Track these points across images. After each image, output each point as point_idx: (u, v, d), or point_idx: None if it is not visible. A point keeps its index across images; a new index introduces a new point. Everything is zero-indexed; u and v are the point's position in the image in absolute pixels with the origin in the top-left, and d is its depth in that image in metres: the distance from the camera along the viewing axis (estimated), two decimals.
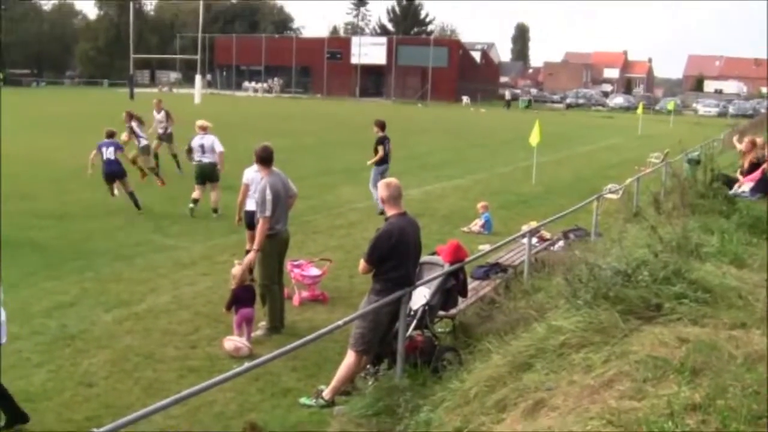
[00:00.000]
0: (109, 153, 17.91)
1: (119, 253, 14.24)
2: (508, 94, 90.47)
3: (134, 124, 21.51)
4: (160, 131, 23.73)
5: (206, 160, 17.48)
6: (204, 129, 17.69)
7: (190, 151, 17.76)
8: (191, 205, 17.67)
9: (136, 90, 76.15)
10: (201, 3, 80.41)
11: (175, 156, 23.57)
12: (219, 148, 17.54)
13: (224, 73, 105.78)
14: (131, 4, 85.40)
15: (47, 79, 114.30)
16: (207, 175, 17.54)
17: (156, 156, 23.11)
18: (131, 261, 13.69)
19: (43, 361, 9.05)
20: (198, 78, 71.82)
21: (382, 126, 19.09)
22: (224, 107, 58.60)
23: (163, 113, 23.75)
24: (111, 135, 18.57)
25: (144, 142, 21.77)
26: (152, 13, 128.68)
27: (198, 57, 74.18)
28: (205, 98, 69.54)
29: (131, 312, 10.90)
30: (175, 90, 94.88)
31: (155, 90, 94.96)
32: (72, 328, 10.20)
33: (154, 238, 15.50)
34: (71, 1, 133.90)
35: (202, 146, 17.47)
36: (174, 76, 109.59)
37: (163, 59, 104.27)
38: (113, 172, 18.05)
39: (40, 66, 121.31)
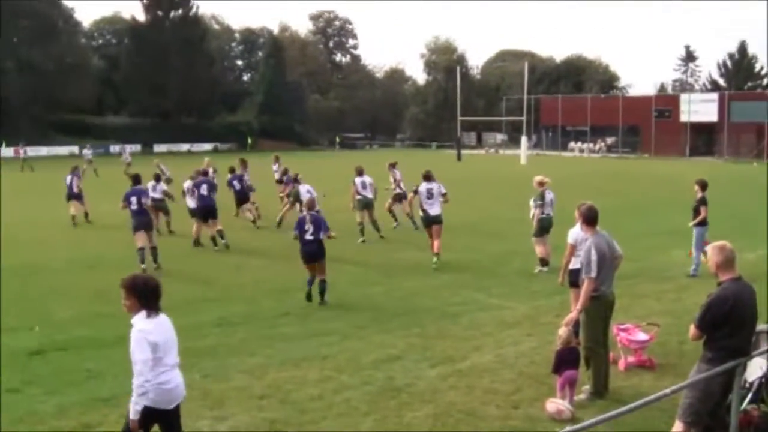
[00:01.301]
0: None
1: (444, 310, 14.59)
2: None
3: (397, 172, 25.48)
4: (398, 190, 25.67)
5: (552, 213, 18.44)
6: (542, 184, 18.50)
7: (542, 205, 18.37)
8: (541, 267, 18.18)
9: (463, 152, 78.34)
10: (525, 65, 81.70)
11: (408, 215, 25.06)
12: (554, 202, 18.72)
13: (549, 133, 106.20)
14: (458, 69, 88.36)
15: (379, 142, 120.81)
16: (547, 228, 18.34)
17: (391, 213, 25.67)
18: (456, 319, 13.96)
19: (370, 411, 9.42)
20: (524, 139, 72.82)
21: (703, 186, 18.38)
22: (549, 167, 58.41)
23: (398, 173, 25.95)
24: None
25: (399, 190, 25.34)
26: (478, 76, 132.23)
27: (523, 118, 75.29)
28: (531, 159, 70.20)
29: (455, 369, 11.09)
30: (501, 151, 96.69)
31: (482, 151, 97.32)
32: (398, 380, 10.54)
33: (478, 297, 15.73)
34: (401, 68, 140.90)
35: (551, 200, 18.53)
36: (500, 137, 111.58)
37: (489, 121, 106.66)
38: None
39: (374, 130, 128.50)
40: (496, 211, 29.65)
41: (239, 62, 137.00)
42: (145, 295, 6.82)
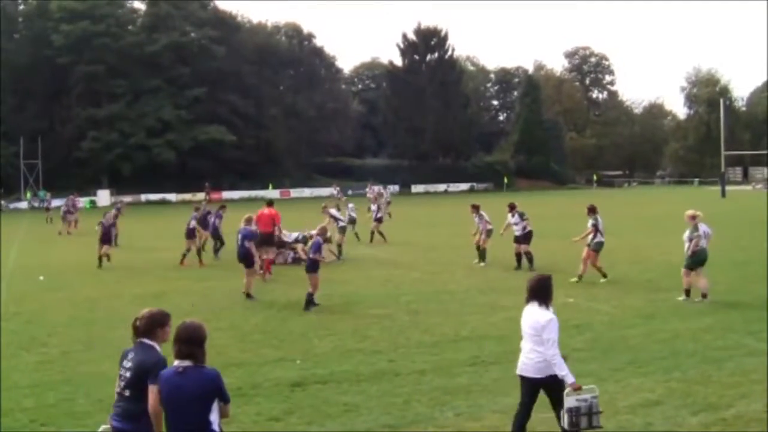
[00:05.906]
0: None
1: (708, 355, 13.84)
2: None
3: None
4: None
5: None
6: (693, 218, 18.59)
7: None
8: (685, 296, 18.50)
9: (728, 188, 74.97)
10: None
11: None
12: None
13: None
14: (721, 101, 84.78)
15: (638, 179, 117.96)
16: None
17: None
18: (721, 364, 13.19)
19: None
20: None
21: None
22: None
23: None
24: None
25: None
26: (744, 108, 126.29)
27: None
28: None
29: (718, 417, 10.47)
30: None
31: (748, 187, 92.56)
32: (657, 427, 10.12)
33: (746, 342, 14.78)
34: (660, 102, 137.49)
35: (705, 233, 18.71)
36: None
37: (757, 155, 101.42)
38: None
39: (632, 167, 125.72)
40: (764, 250, 27.95)
41: (495, 102, 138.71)
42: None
